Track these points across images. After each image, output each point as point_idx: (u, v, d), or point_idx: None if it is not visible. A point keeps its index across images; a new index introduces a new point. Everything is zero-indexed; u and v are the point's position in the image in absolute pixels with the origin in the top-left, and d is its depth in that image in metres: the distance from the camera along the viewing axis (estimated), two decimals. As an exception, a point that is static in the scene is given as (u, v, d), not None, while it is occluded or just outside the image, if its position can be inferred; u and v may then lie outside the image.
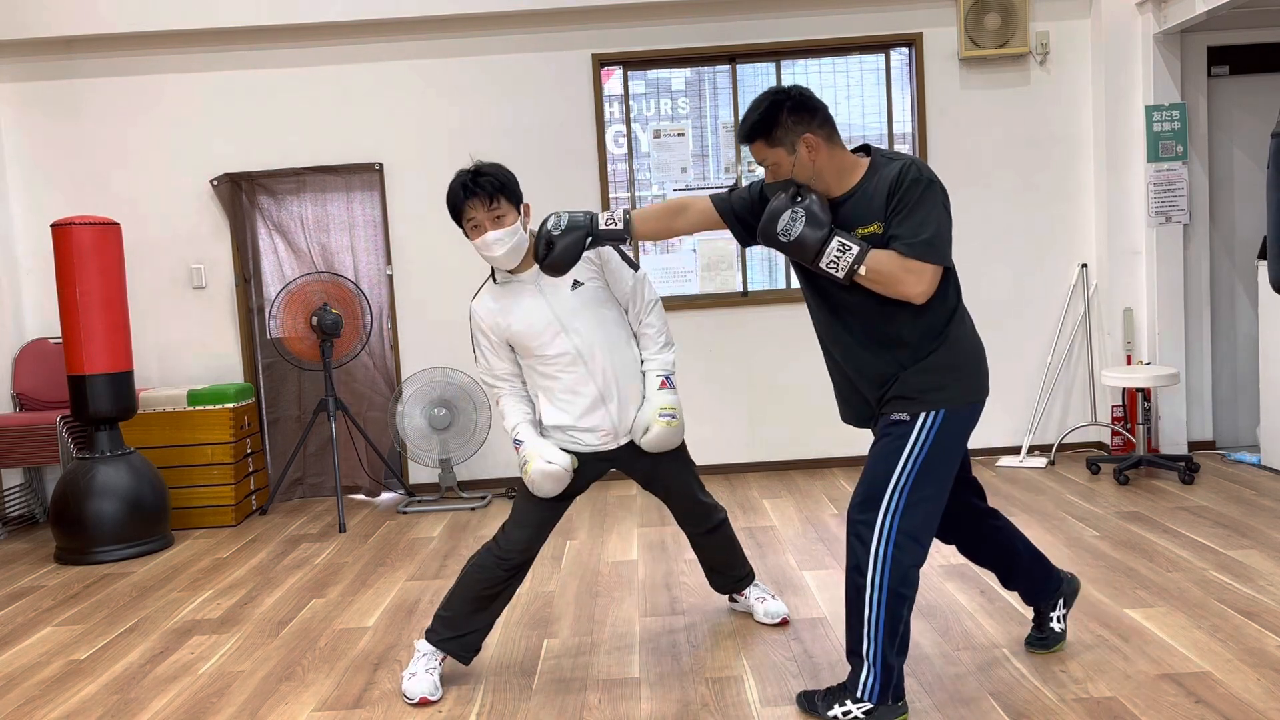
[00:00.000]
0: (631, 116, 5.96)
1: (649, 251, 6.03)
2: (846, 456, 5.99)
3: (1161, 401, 5.71)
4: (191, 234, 5.92)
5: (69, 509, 4.80)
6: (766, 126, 2.58)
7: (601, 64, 5.88)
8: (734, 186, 2.95)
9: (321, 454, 5.95)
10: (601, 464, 3.16)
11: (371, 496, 5.96)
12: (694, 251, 5.98)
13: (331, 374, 5.45)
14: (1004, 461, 5.84)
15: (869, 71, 5.95)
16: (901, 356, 2.61)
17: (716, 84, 5.97)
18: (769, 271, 6.03)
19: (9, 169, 5.90)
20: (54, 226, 4.84)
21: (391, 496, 5.95)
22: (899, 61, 5.95)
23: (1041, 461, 5.77)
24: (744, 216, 2.84)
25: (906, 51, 5.93)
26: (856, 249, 2.51)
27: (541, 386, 3.11)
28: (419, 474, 6.01)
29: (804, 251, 2.55)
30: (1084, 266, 5.92)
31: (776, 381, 5.97)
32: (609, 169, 5.94)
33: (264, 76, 5.86)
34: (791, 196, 2.58)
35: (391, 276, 5.94)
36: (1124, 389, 5.69)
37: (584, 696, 3.00)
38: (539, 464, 3.00)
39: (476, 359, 3.16)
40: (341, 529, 5.19)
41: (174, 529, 5.35)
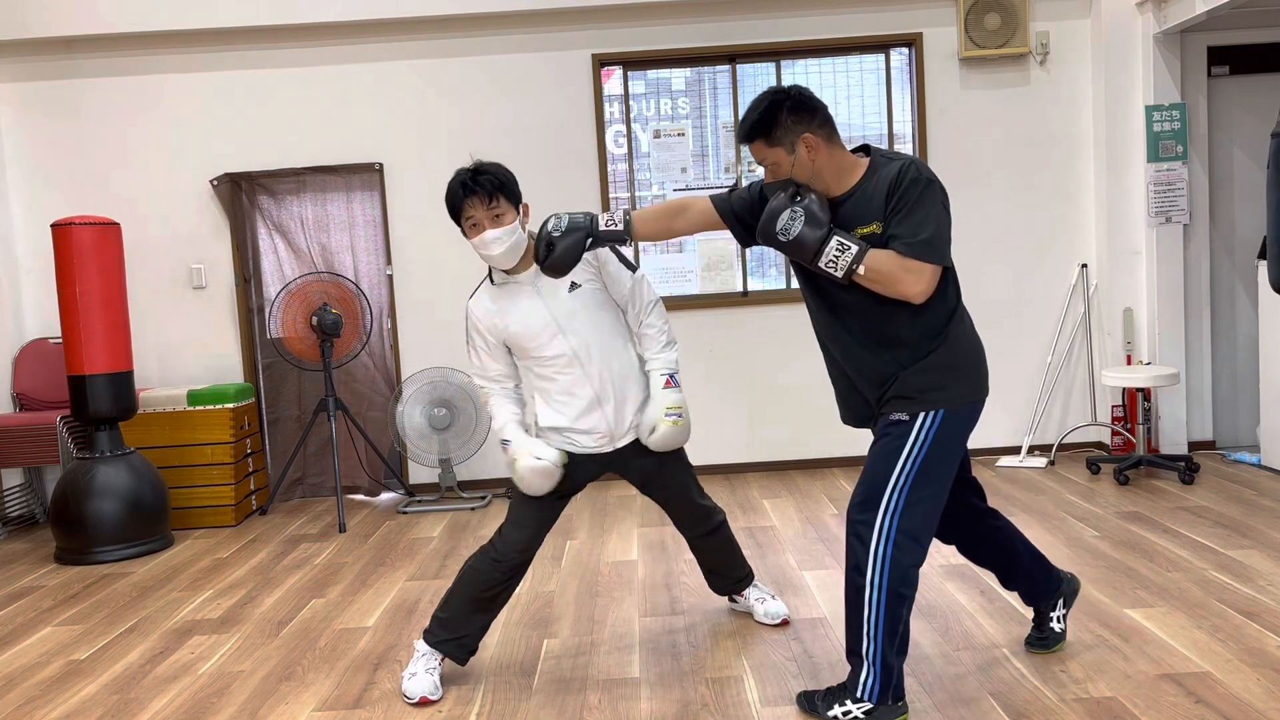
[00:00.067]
0: (631, 116, 5.96)
1: (649, 252, 6.03)
2: (846, 456, 5.99)
3: (1161, 401, 5.71)
4: (191, 234, 5.92)
5: (69, 509, 4.81)
6: (766, 126, 2.58)
7: (601, 64, 5.88)
8: (734, 186, 2.95)
9: (321, 454, 5.95)
10: (597, 466, 3.15)
11: (371, 496, 5.96)
12: (694, 251, 5.98)
13: (331, 374, 5.45)
14: (1004, 461, 5.84)
15: (869, 71, 5.95)
16: (901, 356, 2.61)
17: (716, 84, 5.97)
18: (764, 272, 6.03)
19: (9, 169, 5.91)
20: (54, 226, 4.84)
21: (391, 496, 5.95)
22: (899, 61, 5.95)
23: (1041, 461, 5.77)
24: (744, 217, 2.83)
25: (906, 51, 5.93)
26: (855, 248, 2.51)
27: (538, 388, 3.11)
28: (419, 474, 6.01)
29: (803, 251, 2.55)
30: (1084, 266, 5.92)
31: (776, 381, 5.97)
32: (609, 169, 5.94)
33: (264, 76, 5.86)
34: (791, 196, 2.58)
35: (391, 276, 5.94)
36: (1124, 389, 5.69)
37: (584, 696, 3.00)
38: (527, 460, 3.00)
39: (470, 358, 3.16)
40: (341, 529, 5.19)
41: (174, 529, 5.35)
